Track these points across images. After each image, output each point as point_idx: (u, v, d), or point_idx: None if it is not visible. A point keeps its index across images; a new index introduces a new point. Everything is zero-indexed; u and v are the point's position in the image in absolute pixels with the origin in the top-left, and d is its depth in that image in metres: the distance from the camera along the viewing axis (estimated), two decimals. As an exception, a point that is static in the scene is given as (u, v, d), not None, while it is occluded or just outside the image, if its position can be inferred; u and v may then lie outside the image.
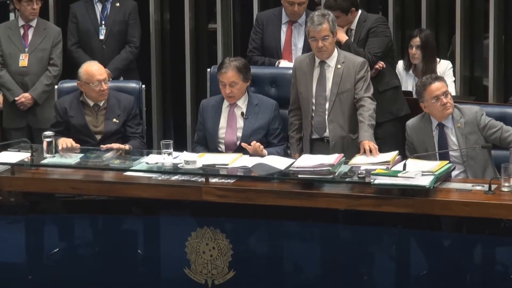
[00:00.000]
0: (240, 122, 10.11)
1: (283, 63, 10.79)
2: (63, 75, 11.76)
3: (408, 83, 11.24)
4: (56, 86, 11.52)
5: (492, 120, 9.57)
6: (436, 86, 9.60)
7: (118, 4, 11.81)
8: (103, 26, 11.80)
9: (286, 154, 9.94)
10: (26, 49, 11.73)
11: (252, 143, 9.76)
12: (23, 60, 11.60)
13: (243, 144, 9.82)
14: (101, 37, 11.79)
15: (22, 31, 11.79)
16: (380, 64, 10.57)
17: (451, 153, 9.65)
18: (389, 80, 10.74)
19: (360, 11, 10.92)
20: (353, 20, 10.81)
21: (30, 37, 11.77)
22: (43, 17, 12.47)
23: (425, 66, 11.34)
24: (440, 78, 9.85)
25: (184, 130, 12.79)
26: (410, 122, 9.91)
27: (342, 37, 10.38)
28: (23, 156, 9.85)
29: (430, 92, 9.58)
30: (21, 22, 11.82)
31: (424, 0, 12.26)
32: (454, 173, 9.54)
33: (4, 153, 10.01)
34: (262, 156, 9.81)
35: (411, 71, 11.37)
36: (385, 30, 10.95)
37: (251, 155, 9.77)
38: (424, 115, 9.72)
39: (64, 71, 11.82)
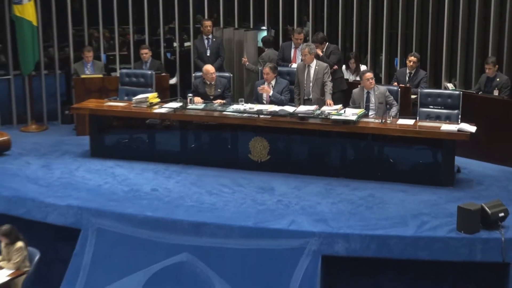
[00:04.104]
0: (271, 90, 10.00)
1: (294, 65, 10.62)
2: (195, 70, 11.60)
3: (347, 75, 11.05)
4: (193, 74, 11.28)
5: (388, 92, 9.58)
6: (368, 74, 9.52)
7: (214, 39, 11.42)
8: (208, 49, 11.43)
9: (290, 104, 9.85)
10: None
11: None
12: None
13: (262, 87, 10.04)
14: (208, 54, 11.39)
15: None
16: (335, 67, 10.50)
17: (370, 105, 9.54)
18: (338, 74, 10.61)
19: (327, 43, 10.86)
20: (324, 47, 10.71)
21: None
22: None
23: (355, 68, 11.12)
24: (370, 71, 9.75)
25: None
26: (354, 90, 9.74)
27: (319, 53, 10.25)
28: (179, 104, 9.87)
29: (365, 77, 9.51)
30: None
31: (354, 37, 12.04)
32: (371, 114, 9.45)
33: (172, 103, 9.96)
34: (268, 92, 9.96)
35: (348, 70, 11.19)
36: (338, 52, 10.93)
37: (278, 105, 9.73)
38: (362, 87, 9.63)
39: (195, 68, 11.86)
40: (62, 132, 11.72)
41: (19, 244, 8.02)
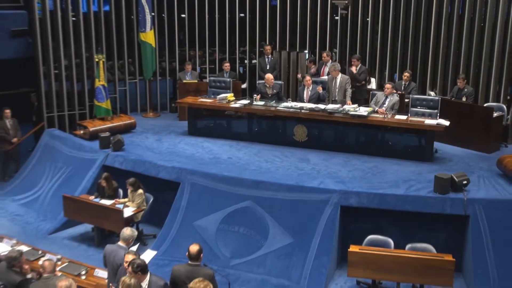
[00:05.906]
0: (309, 93, 9.83)
1: (324, 77, 10.45)
2: (259, 78, 11.33)
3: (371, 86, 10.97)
4: (257, 81, 11.03)
5: (397, 101, 9.19)
6: (386, 85, 9.26)
7: (272, 58, 11.26)
8: (268, 65, 11.19)
9: (323, 105, 9.55)
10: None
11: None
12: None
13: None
14: (267, 68, 11.14)
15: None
16: (363, 82, 10.13)
17: (384, 106, 9.18)
18: (364, 87, 10.23)
19: (360, 64, 10.28)
20: (359, 64, 10.17)
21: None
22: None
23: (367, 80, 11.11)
24: (390, 83, 9.33)
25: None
26: (378, 93, 9.43)
27: (353, 71, 10.05)
28: (248, 101, 9.75)
29: (386, 87, 9.25)
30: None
31: (367, 58, 11.69)
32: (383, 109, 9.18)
33: (243, 100, 9.90)
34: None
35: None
36: (366, 72, 10.40)
37: (314, 103, 9.57)
38: (383, 93, 9.27)
39: (258, 77, 11.81)
40: (169, 118, 11.71)
41: (140, 191, 8.18)
